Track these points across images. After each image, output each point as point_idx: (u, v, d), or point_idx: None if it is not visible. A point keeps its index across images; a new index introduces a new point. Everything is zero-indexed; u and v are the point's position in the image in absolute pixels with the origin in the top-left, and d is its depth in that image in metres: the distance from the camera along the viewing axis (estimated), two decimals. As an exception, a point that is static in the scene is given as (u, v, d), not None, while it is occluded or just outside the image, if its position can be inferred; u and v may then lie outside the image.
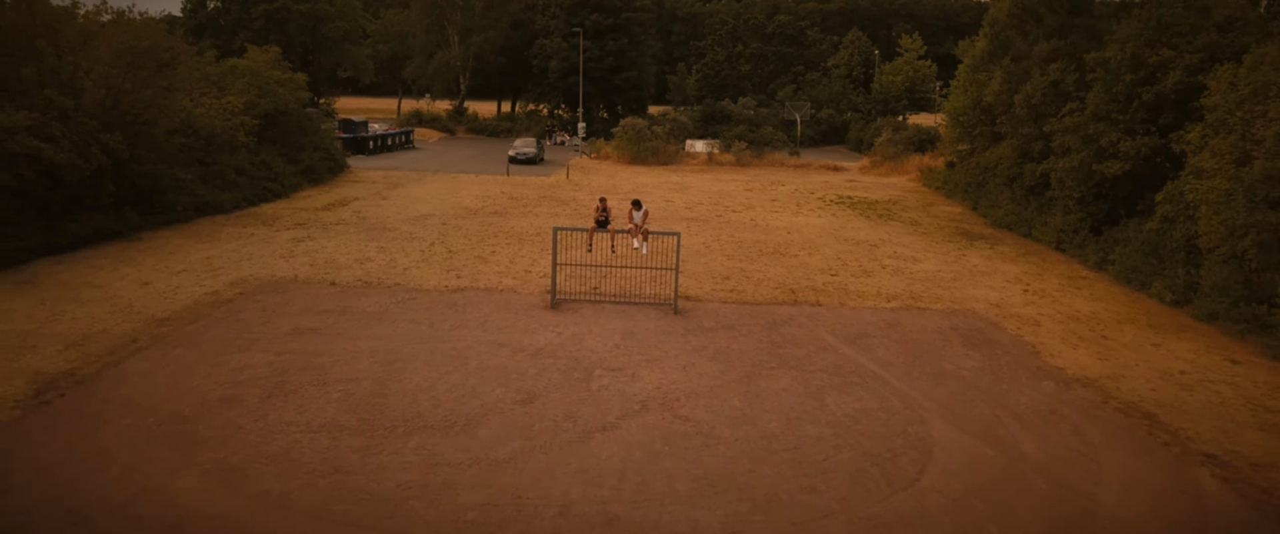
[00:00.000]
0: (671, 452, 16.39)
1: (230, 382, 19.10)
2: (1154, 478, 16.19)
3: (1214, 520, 14.85)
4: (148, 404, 17.69)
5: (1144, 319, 27.18)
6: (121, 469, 14.92)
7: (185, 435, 16.37)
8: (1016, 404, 19.60)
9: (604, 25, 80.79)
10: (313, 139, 49.40)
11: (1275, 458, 17.28)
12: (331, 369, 20.04)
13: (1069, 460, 16.76)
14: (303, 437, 16.51)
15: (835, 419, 18.26)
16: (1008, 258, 35.67)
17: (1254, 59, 26.78)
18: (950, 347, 23.57)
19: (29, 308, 23.62)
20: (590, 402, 18.66)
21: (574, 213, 42.27)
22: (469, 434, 16.85)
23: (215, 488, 14.48)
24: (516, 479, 15.10)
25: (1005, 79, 41.64)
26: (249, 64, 47.38)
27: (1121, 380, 21.46)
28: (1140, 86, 32.71)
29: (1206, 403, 20.18)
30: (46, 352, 20.37)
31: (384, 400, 18.35)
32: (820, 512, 14.44)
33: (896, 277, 31.35)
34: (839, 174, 62.77)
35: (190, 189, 36.17)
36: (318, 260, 30.49)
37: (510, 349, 21.84)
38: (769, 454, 16.44)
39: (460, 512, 13.98)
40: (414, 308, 25.14)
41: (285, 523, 13.52)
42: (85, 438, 16.06)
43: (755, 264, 32.39)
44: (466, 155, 68.42)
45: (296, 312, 24.31)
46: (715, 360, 21.57)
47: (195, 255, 30.43)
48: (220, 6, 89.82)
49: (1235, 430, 18.61)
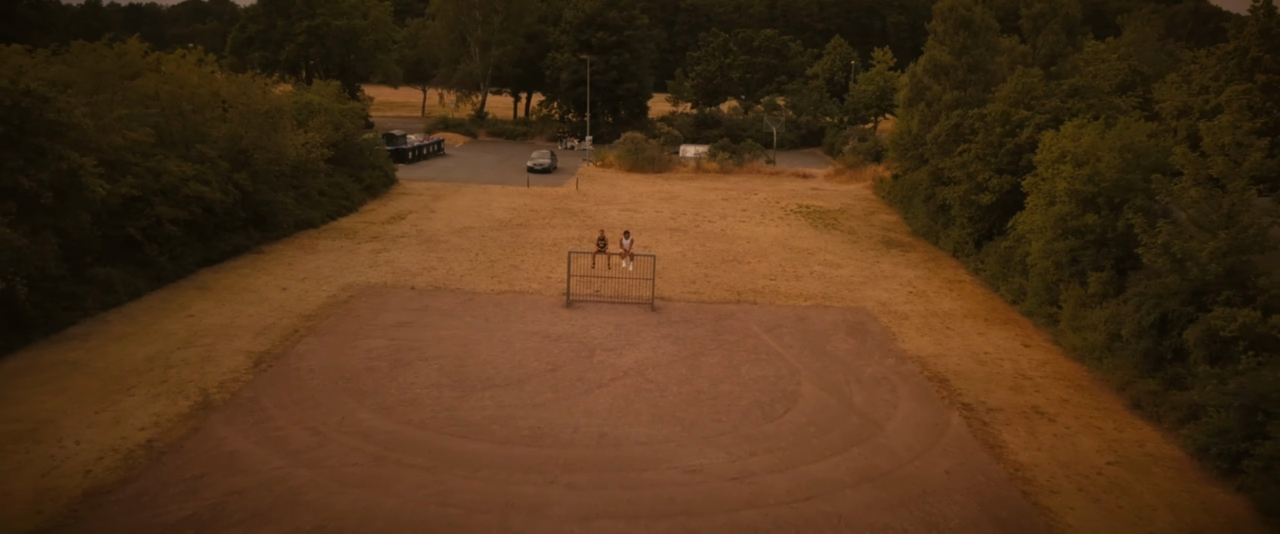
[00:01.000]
0: (639, 399, 27.81)
1: (365, 357, 30.56)
2: (923, 415, 27.58)
3: (948, 439, 26.18)
4: (323, 371, 29.17)
5: (985, 314, 38.49)
6: (327, 409, 26.40)
7: (353, 389, 27.84)
8: (862, 373, 30.97)
9: (608, 42, 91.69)
10: (371, 159, 60.72)
11: (1006, 405, 28.61)
12: (427, 349, 31.48)
13: (878, 406, 28.14)
14: (421, 391, 27.95)
15: (744, 381, 29.65)
16: (912, 264, 46.95)
17: (1061, 131, 37.84)
18: (836, 334, 34.92)
19: (215, 307, 35.12)
20: (593, 370, 30.07)
21: (583, 224, 53.58)
22: (519, 389, 28.28)
23: (382, 419, 25.93)
24: (550, 415, 26.51)
25: (921, 119, 52.70)
26: (320, 99, 58.60)
27: (941, 358, 32.80)
28: (1006, 137, 43.73)
29: (987, 373, 31.52)
30: (245, 338, 31.86)
31: (464, 369, 29.78)
32: (721, 431, 25.83)
33: (818, 281, 42.67)
34: (805, 181, 73.97)
35: (290, 210, 47.59)
36: (396, 268, 41.94)
37: (540, 336, 33.25)
38: (697, 401, 27.85)
39: (520, 431, 25.39)
40: (473, 306, 36.57)
41: (424, 437, 24.93)
42: (297, 390, 27.56)
43: (716, 271, 43.72)
44: (490, 163, 79.72)
45: (394, 309, 35.77)
46: (674, 344, 32.97)
47: (307, 265, 41.89)
48: (268, 23, 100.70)
49: (993, 390, 29.95)
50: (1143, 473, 24.37)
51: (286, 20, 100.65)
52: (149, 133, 38.08)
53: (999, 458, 24.86)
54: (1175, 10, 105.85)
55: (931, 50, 53.63)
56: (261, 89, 48.08)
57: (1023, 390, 30.05)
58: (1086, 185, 33.98)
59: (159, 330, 32.16)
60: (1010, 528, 21.25)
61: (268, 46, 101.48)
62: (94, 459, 22.77)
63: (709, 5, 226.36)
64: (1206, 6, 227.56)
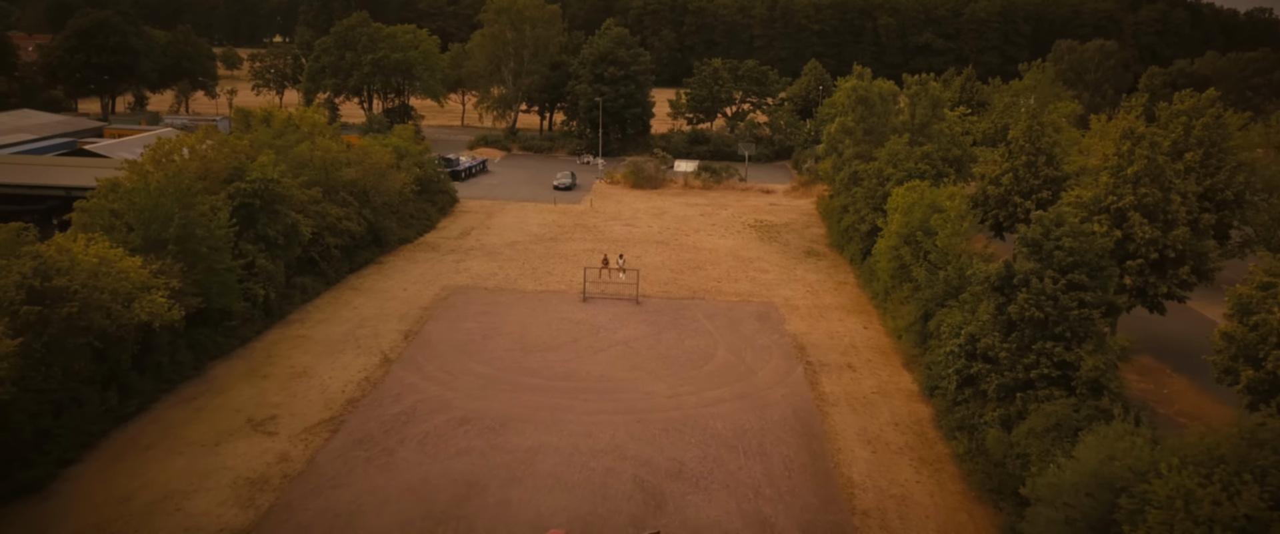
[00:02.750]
0: (623, 357, 49.79)
1: (466, 333, 52.64)
2: (781, 367, 49.46)
3: (790, 379, 48.02)
4: (444, 341, 51.31)
5: (851, 307, 60.15)
6: (451, 361, 48.55)
7: (463, 351, 49.97)
8: (755, 343, 52.81)
9: (618, 75, 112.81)
10: (441, 185, 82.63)
11: (832, 362, 50.37)
12: (502, 329, 53.51)
13: (757, 362, 50.01)
14: (500, 352, 50.03)
15: (685, 348, 51.55)
16: (819, 270, 68.57)
17: (895, 191, 59.12)
18: (748, 320, 56.74)
19: (367, 302, 57.29)
20: (597, 341, 52.03)
21: (596, 238, 75.33)
22: (555, 351, 50.30)
23: (482, 367, 48.04)
24: (573, 366, 48.51)
25: (833, 164, 74.08)
26: (402, 142, 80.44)
27: (806, 334, 54.57)
28: (878, 187, 65.04)
29: (831, 344, 53.26)
30: (392, 321, 54.00)
31: (524, 340, 51.80)
32: (666, 374, 47.78)
33: (749, 283, 64.41)
34: (766, 197, 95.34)
35: (396, 231, 69.62)
36: (473, 274, 64.00)
37: (566, 320, 55.20)
38: (656, 359, 49.82)
39: (556, 374, 47.40)
40: (525, 301, 58.59)
41: (506, 376, 46.96)
42: (431, 352, 49.71)
43: (682, 276, 65.52)
44: (524, 179, 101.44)
45: (477, 303, 57.84)
46: (648, 326, 54.85)
47: (414, 272, 63.97)
48: (338, 55, 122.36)
49: (829, 354, 51.73)
50: (888, 398, 46.15)
51: (354, 53, 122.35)
52: (318, 192, 60.07)
53: (813, 389, 46.73)
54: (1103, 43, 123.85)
55: (840, 117, 74.97)
56: (379, 149, 69.98)
57: (846, 354, 51.84)
58: (902, 228, 55.45)
59: (341, 318, 54.44)
60: (802, 419, 43.11)
61: (338, 75, 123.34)
62: (341, 387, 45.03)
63: (715, 8, 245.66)
64: (1176, 14, 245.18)
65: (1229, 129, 58.08)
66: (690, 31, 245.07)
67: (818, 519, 34.68)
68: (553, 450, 38.97)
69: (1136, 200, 44.43)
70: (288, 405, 42.82)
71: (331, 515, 33.89)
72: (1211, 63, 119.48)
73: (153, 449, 38.38)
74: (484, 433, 40.43)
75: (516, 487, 36.04)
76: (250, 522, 33.46)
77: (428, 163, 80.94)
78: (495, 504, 34.76)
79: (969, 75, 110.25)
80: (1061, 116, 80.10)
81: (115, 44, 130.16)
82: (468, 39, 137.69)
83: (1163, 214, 44.58)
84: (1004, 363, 37.73)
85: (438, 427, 41.01)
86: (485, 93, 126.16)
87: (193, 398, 43.27)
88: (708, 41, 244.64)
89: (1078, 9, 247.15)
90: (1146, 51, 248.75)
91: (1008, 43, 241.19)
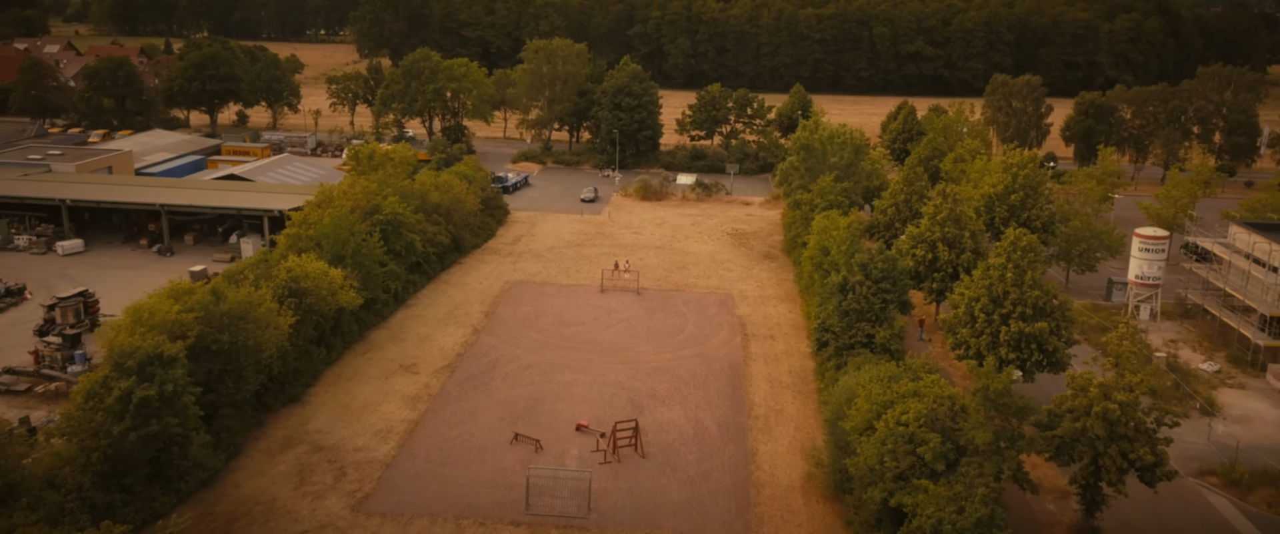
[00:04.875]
0: (627, 331, 77.79)
1: (523, 314, 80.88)
2: (727, 337, 77.31)
3: (731, 344, 75.83)
4: (511, 319, 79.60)
5: (785, 297, 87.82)
6: (517, 332, 76.80)
7: (523, 326, 78.21)
8: (715, 322, 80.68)
9: (632, 104, 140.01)
10: (497, 201, 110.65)
11: (760, 333, 78.11)
12: (546, 311, 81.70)
13: (713, 333, 77.89)
14: (547, 327, 78.18)
15: (667, 325, 79.51)
16: (770, 270, 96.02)
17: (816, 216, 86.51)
18: (711, 306, 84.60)
19: (457, 292, 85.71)
20: (610, 319, 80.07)
21: (611, 244, 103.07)
22: (582, 327, 78.36)
23: (537, 335, 76.20)
24: (594, 336, 76.51)
25: (785, 191, 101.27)
26: (469, 171, 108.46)
27: (749, 316, 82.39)
28: (810, 212, 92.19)
29: (763, 322, 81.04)
30: (475, 305, 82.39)
31: (562, 319, 79.93)
32: (653, 340, 75.71)
33: (717, 279, 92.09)
34: (745, 209, 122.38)
35: (469, 240, 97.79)
36: (525, 272, 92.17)
37: (589, 305, 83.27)
38: (648, 333, 77.77)
39: (583, 341, 75.36)
40: (561, 291, 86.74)
41: (549, 341, 75.00)
42: (502, 327, 78.02)
43: (672, 274, 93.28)
44: (557, 193, 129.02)
45: (530, 294, 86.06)
46: (645, 310, 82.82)
47: (484, 271, 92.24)
48: (405, 84, 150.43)
49: (761, 328, 79.52)
50: (791, 357, 73.82)
51: (418, 82, 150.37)
52: (422, 217, 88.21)
53: (744, 350, 74.49)
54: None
55: (790, 157, 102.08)
56: (456, 181, 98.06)
57: (772, 329, 79.52)
58: (817, 242, 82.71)
59: (441, 303, 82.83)
60: (733, 367, 70.81)
61: (403, 100, 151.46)
62: (451, 346, 73.49)
63: (727, 18, 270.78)
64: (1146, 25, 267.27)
65: (1042, 177, 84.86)
66: (704, 40, 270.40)
67: (728, 420, 62.50)
68: (581, 383, 67.07)
69: (941, 235, 71.63)
70: (421, 357, 71.19)
71: (458, 415, 62.19)
72: (1120, 94, 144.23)
73: (350, 381, 66.89)
74: (539, 374, 68.62)
75: (560, 401, 64.16)
76: (416, 416, 61.79)
77: (488, 187, 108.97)
78: (548, 411, 62.89)
79: (910, 109, 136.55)
80: (966, 149, 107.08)
81: (224, 73, 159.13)
82: (505, 46, 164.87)
83: (958, 244, 71.68)
84: (841, 333, 65.24)
85: (511, 370, 69.21)
86: (525, 116, 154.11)
87: (364, 352, 71.80)
88: (720, 49, 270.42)
89: (1058, 20, 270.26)
90: (1121, 59, 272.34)
91: (992, 50, 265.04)
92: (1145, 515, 50.36)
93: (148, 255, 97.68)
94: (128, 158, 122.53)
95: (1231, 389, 67.17)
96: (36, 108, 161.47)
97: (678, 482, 54.46)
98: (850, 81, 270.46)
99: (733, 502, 52.69)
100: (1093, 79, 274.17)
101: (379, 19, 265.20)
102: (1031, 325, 56.22)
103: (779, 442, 59.74)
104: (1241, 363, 71.13)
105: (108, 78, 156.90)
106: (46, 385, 66.10)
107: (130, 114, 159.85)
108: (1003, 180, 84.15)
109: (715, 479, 54.93)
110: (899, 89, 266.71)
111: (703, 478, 55.02)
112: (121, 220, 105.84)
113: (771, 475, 55.49)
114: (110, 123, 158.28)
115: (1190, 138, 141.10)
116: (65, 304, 75.83)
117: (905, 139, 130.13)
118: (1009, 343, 56.90)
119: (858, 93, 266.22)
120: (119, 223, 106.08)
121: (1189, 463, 55.80)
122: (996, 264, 58.42)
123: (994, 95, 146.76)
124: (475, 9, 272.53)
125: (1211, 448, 58.00)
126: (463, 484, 53.58)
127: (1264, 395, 66.34)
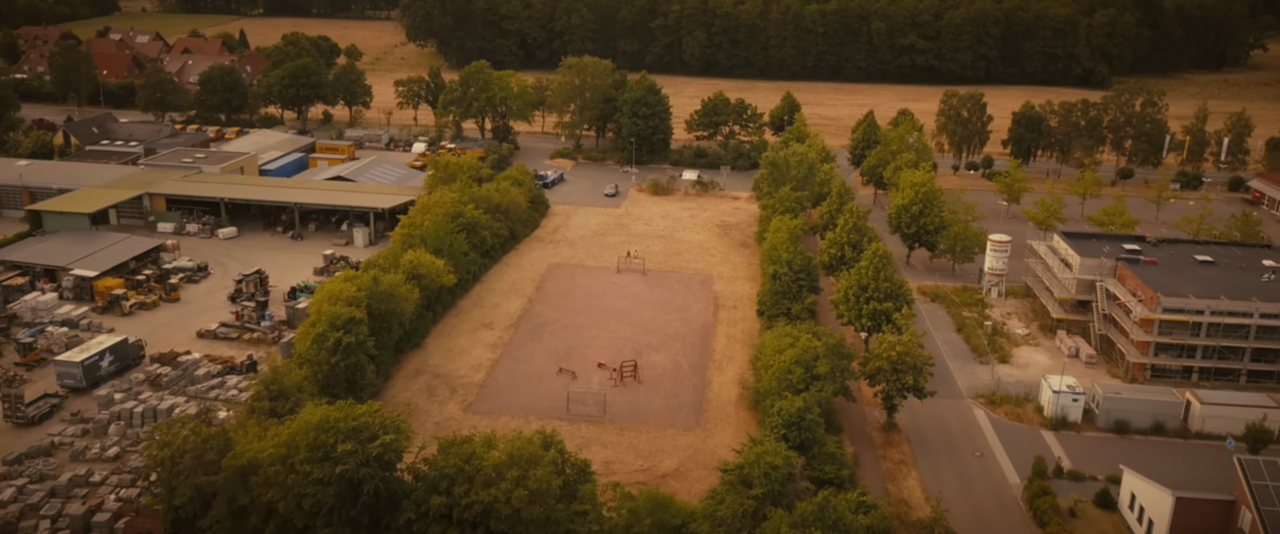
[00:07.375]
0: (635, 302, 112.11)
1: (562, 289, 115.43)
2: (704, 307, 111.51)
3: (706, 311, 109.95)
4: (554, 293, 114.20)
5: (752, 277, 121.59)
6: (559, 301, 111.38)
7: (563, 298, 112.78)
8: (697, 295, 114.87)
9: (648, 112, 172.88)
10: (540, 197, 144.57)
11: (728, 303, 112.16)
12: (578, 287, 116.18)
13: (694, 303, 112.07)
14: (580, 298, 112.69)
15: (664, 296, 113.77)
16: (744, 256, 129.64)
17: (776, 218, 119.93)
18: (696, 284, 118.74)
19: (514, 272, 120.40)
20: (622, 292, 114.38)
21: (627, 234, 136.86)
22: (603, 298, 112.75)
23: (572, 304, 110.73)
24: (611, 305, 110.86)
25: (761, 194, 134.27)
26: (519, 174, 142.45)
27: (722, 292, 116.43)
28: (773, 214, 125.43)
29: (732, 296, 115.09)
30: (528, 282, 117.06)
31: (590, 293, 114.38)
32: (653, 307, 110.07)
33: (702, 263, 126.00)
34: (734, 203, 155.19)
35: (521, 231, 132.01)
36: (563, 256, 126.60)
37: (607, 282, 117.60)
38: (650, 303, 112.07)
39: (602, 308, 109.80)
40: (589, 272, 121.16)
41: (581, 307, 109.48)
42: (548, 297, 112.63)
43: (670, 258, 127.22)
44: (587, 188, 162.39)
45: (567, 273, 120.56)
46: (648, 286, 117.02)
47: (533, 255, 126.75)
48: (463, 92, 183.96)
49: (729, 300, 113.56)
50: (744, 321, 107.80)
51: (475, 89, 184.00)
52: (489, 217, 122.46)
53: (714, 316, 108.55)
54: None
55: (764, 166, 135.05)
56: (511, 186, 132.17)
57: (737, 301, 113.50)
58: (772, 237, 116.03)
59: (504, 280, 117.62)
60: (705, 327, 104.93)
61: (461, 105, 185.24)
62: (515, 310, 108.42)
63: (739, 13, 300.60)
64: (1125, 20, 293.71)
65: (938, 190, 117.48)
66: (719, 32, 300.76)
67: (696, 361, 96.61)
68: (602, 337, 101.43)
69: (848, 239, 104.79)
70: (494, 318, 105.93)
71: (522, 356, 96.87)
72: (1051, 107, 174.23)
73: (451, 334, 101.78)
74: (574, 330, 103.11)
75: (588, 348, 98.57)
76: (496, 357, 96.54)
77: (533, 187, 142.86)
78: (580, 354, 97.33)
79: (871, 120, 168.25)
80: (904, 161, 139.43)
81: (314, 80, 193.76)
82: (540, 37, 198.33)
83: (859, 246, 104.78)
84: (771, 307, 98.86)
85: (555, 328, 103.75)
86: (560, 118, 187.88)
87: (456, 315, 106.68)
88: (733, 41, 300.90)
89: (1041, 15, 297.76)
90: (1098, 51, 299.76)
91: (979, 43, 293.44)
92: (930, 419, 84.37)
93: (283, 240, 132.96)
94: (253, 160, 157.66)
95: (1030, 347, 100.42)
96: (159, 107, 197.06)
97: (660, 396, 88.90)
98: (850, 71, 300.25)
99: (693, 409, 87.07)
100: (1071, 71, 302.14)
101: (428, 13, 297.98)
102: (882, 305, 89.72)
103: (726, 374, 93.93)
104: (1046, 329, 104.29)
105: (218, 83, 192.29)
106: (249, 335, 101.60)
107: (235, 111, 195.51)
108: (907, 195, 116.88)
109: (683, 396, 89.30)
110: (894, 78, 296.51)
111: (676, 395, 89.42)
112: (258, 211, 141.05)
113: (718, 394, 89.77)
114: (218, 120, 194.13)
115: (1103, 143, 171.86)
116: (247, 278, 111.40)
117: (865, 146, 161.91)
118: (869, 315, 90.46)
119: (857, 81, 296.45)
120: (256, 213, 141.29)
121: (974, 390, 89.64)
122: (864, 266, 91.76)
123: (947, 104, 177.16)
124: (514, 3, 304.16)
125: (991, 382, 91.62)
126: (527, 397, 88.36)
127: (1048, 352, 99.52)
